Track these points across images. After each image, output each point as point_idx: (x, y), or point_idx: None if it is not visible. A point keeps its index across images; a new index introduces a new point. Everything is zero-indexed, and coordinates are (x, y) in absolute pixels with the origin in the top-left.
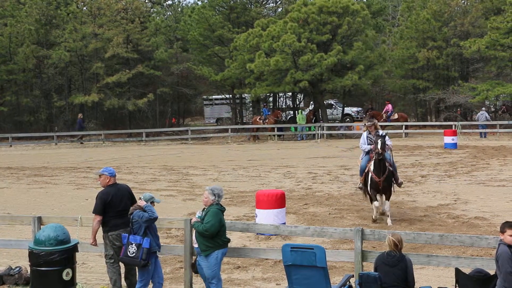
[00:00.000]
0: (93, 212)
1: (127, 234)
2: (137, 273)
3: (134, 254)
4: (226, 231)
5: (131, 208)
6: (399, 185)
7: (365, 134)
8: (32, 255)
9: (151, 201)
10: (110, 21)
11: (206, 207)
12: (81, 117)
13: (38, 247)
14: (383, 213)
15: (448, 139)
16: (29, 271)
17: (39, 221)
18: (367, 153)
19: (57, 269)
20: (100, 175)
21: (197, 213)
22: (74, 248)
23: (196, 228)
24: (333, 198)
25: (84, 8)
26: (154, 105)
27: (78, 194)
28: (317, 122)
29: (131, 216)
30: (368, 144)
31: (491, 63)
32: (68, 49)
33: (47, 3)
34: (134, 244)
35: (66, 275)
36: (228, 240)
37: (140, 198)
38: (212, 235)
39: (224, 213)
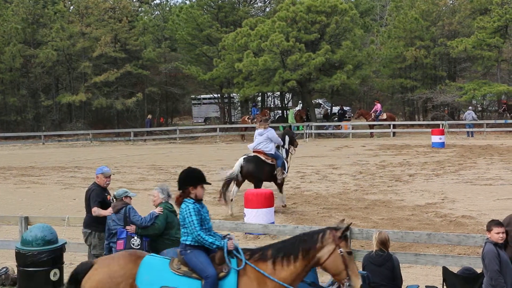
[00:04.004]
0: None
1: (124, 229)
2: None
3: (139, 246)
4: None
5: (115, 203)
6: None
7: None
8: (19, 256)
9: (126, 195)
10: (98, 20)
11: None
12: (150, 117)
13: (25, 248)
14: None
15: (436, 138)
16: (16, 271)
17: (26, 221)
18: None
19: (45, 269)
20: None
21: (151, 212)
22: (62, 248)
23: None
24: (321, 197)
25: (72, 7)
26: (142, 105)
27: (66, 194)
28: (308, 121)
29: (121, 211)
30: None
31: (477, 62)
32: (55, 48)
33: (34, 2)
34: (136, 237)
35: (53, 275)
36: (179, 238)
37: (114, 195)
38: (158, 233)
39: (175, 212)
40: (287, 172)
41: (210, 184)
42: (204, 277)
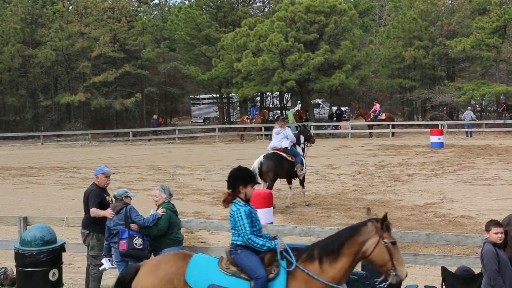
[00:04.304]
0: None
1: (126, 229)
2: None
3: (142, 246)
4: (212, 231)
5: (115, 204)
6: None
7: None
8: (18, 256)
9: (126, 195)
10: (97, 20)
11: (157, 206)
12: (156, 118)
13: (24, 248)
14: None
15: (435, 138)
16: (15, 271)
17: (25, 221)
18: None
19: (44, 269)
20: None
21: (151, 212)
22: (61, 249)
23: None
24: (320, 197)
25: (70, 7)
26: (141, 105)
27: (65, 194)
28: (307, 121)
29: (121, 211)
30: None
31: (476, 62)
32: (54, 48)
33: (32, 1)
34: (138, 237)
35: (52, 275)
36: (179, 239)
37: (114, 195)
38: (161, 233)
39: (176, 213)
40: (306, 169)
41: (260, 183)
42: (255, 278)
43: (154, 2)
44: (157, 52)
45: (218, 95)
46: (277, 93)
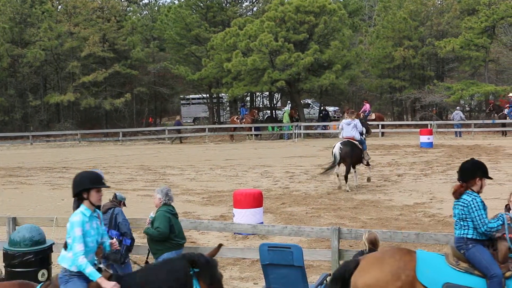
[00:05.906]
0: None
1: (108, 230)
2: None
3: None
4: (202, 231)
5: (105, 203)
6: None
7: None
8: (7, 256)
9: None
10: (86, 19)
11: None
12: (179, 119)
13: (13, 248)
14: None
15: (424, 138)
16: (3, 272)
17: (14, 221)
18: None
19: (33, 270)
20: None
21: (150, 214)
22: (50, 249)
23: (149, 233)
24: (310, 197)
25: (60, 6)
26: (130, 105)
27: (54, 195)
28: (298, 121)
29: (109, 211)
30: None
31: (465, 62)
32: (43, 48)
33: (21, 1)
34: (115, 238)
35: (41, 276)
36: (182, 242)
37: (114, 195)
38: (163, 238)
39: (176, 215)
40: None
41: (491, 178)
42: (489, 276)
43: (143, 1)
44: (147, 52)
45: (208, 95)
46: (267, 93)
